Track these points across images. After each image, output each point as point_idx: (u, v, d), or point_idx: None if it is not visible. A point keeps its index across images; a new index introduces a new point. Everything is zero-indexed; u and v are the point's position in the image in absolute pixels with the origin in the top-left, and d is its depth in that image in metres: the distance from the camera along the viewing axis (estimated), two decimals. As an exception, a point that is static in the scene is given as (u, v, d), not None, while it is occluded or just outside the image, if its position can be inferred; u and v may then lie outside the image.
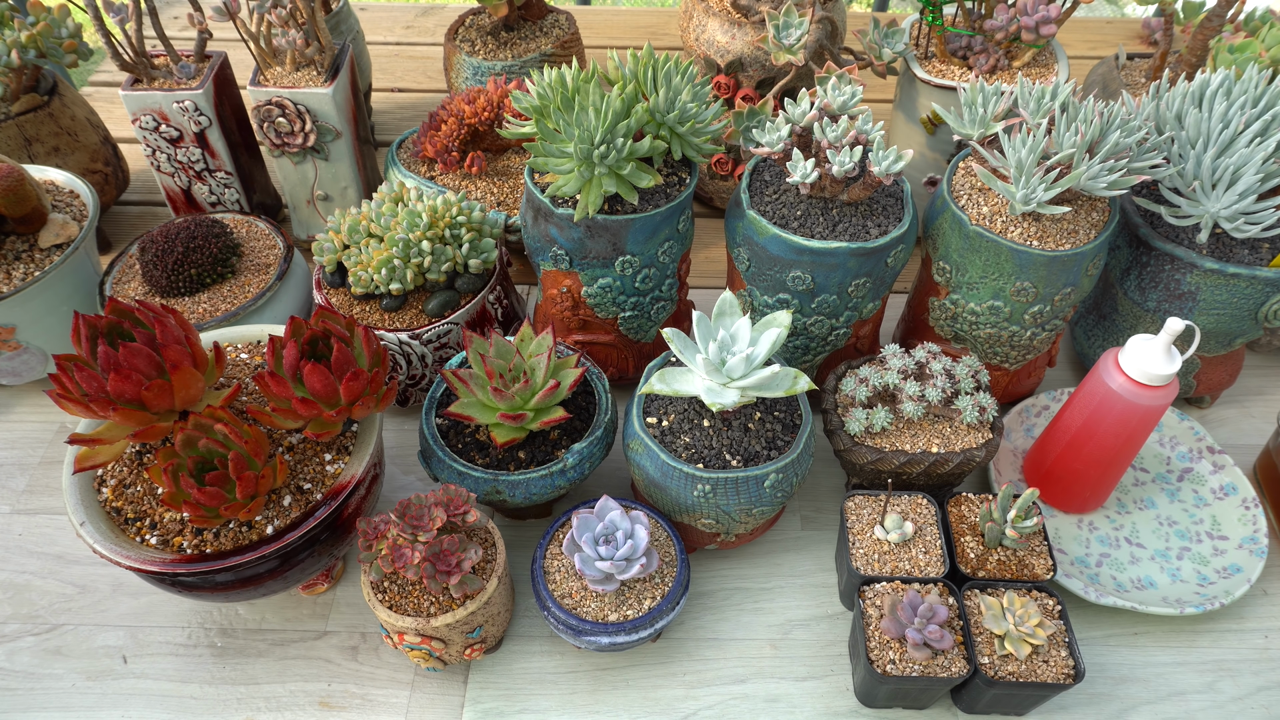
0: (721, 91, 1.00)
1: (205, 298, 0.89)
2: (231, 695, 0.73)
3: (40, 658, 0.75)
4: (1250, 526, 0.81)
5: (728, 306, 0.70)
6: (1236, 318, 0.81)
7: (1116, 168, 0.73)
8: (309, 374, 0.65)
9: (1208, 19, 0.93)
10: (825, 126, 0.74)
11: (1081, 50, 1.50)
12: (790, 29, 0.90)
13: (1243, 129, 0.76)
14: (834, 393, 0.80)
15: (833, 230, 0.75)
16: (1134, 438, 0.75)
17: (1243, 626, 0.78)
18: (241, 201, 1.07)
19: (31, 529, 0.84)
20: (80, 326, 0.65)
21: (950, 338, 0.86)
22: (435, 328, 0.83)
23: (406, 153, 1.05)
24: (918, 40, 1.02)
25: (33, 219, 0.87)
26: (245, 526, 0.66)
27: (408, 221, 0.81)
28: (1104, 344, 0.92)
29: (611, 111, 0.71)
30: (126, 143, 1.23)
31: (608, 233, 0.77)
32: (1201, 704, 0.73)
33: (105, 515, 0.68)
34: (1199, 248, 0.79)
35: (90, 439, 0.66)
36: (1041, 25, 0.93)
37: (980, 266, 0.78)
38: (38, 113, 0.99)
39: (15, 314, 0.85)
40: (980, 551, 0.74)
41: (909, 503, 0.77)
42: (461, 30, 1.14)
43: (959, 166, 0.83)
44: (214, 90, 0.98)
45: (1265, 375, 1.00)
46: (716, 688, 0.74)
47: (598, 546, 0.68)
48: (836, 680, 0.75)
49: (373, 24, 1.56)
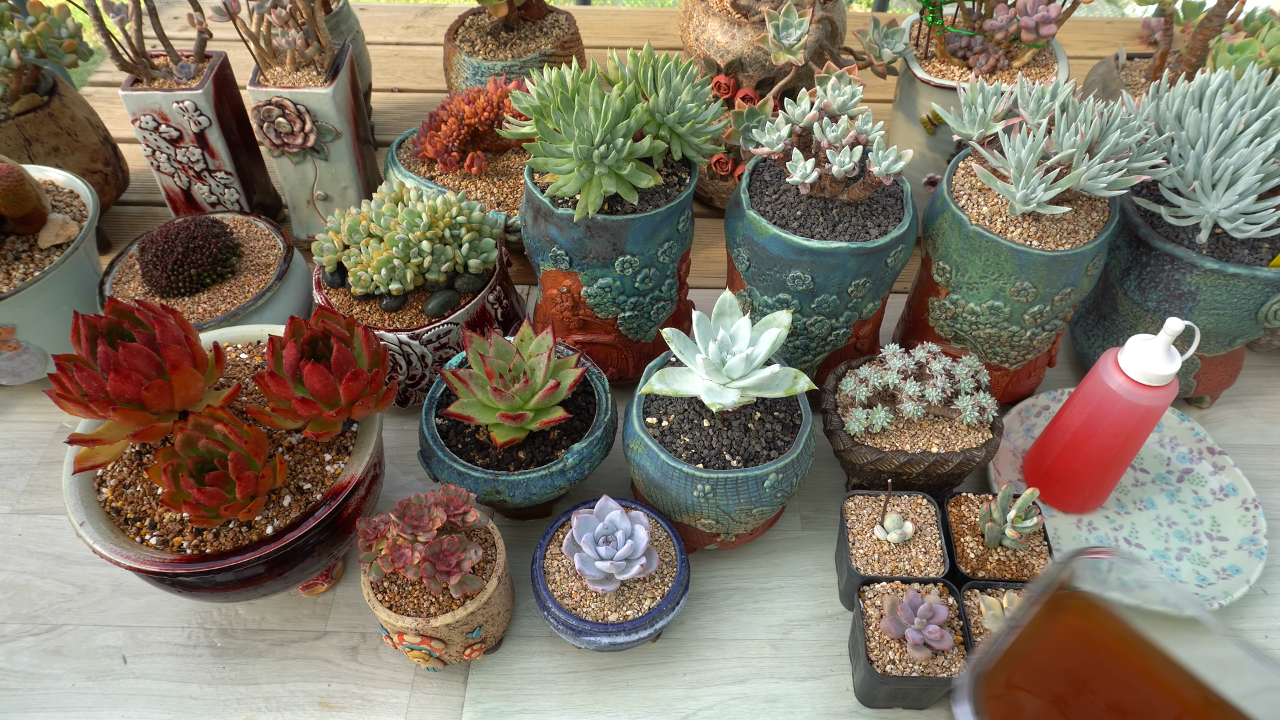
0: (721, 91, 1.00)
1: (205, 298, 0.89)
2: (231, 695, 0.73)
3: (40, 658, 0.75)
4: (1250, 528, 0.81)
5: (728, 306, 0.70)
6: (1236, 318, 0.81)
7: (1116, 168, 0.73)
8: (309, 374, 0.65)
9: (1208, 19, 0.93)
10: (825, 126, 0.74)
11: (1081, 50, 1.50)
12: (790, 29, 0.90)
13: (1243, 129, 0.76)
14: (834, 393, 0.80)
15: (833, 230, 0.75)
16: (1134, 438, 0.75)
17: (1242, 627, 0.78)
18: (241, 201, 1.07)
19: (31, 529, 0.84)
20: (80, 326, 0.65)
21: (950, 338, 0.86)
22: (435, 328, 0.83)
23: (406, 153, 1.05)
24: (918, 40, 1.02)
25: (33, 219, 0.87)
26: (245, 526, 0.66)
27: (408, 221, 0.81)
28: (1104, 344, 0.92)
29: (611, 111, 0.71)
30: (126, 143, 1.23)
31: (608, 233, 0.77)
32: (1201, 704, 0.73)
33: (105, 515, 0.68)
34: (1199, 248, 0.79)
35: (90, 439, 0.66)
36: (1041, 25, 0.93)
37: (980, 266, 0.78)
38: (38, 113, 0.99)
39: (15, 314, 0.85)
40: (980, 551, 0.74)
41: (909, 503, 0.77)
42: (461, 30, 1.14)
43: (959, 166, 0.83)
44: (214, 90, 0.98)
45: (1265, 375, 1.00)
46: (716, 688, 0.74)
47: (598, 547, 0.68)
48: (836, 680, 0.75)
49: (373, 24, 1.56)
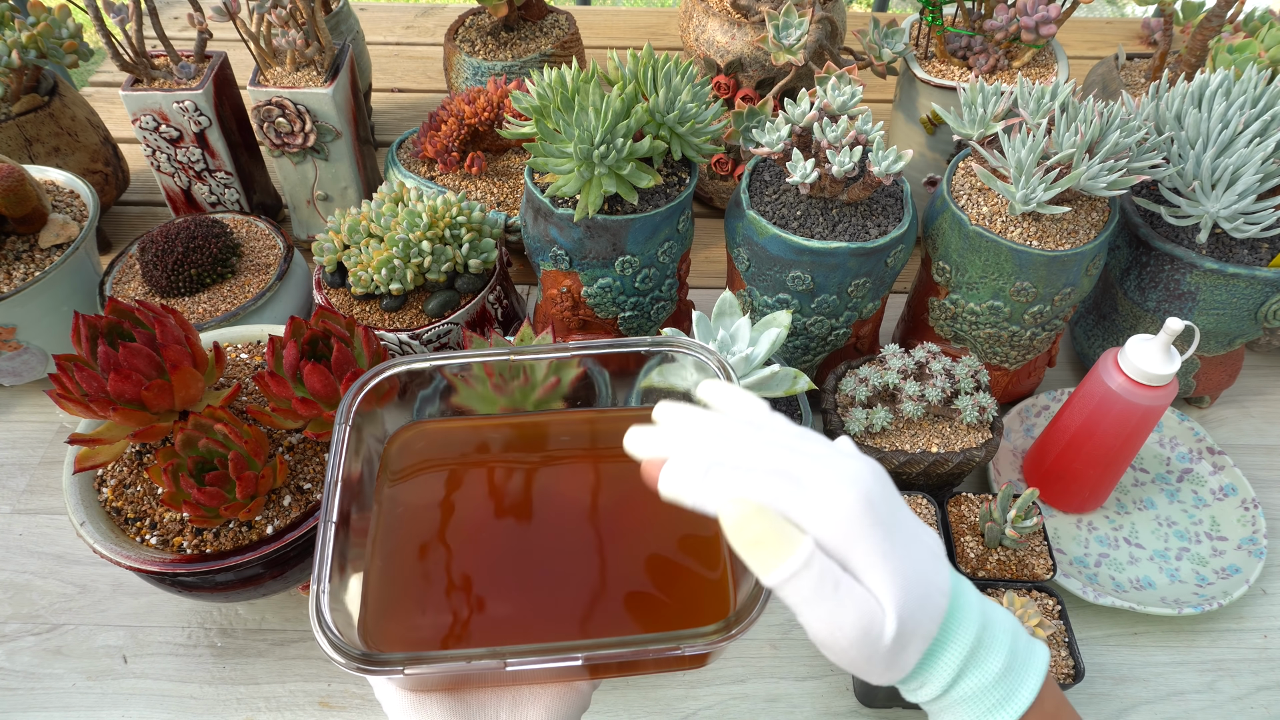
0: (721, 91, 1.00)
1: (205, 298, 0.89)
2: (231, 695, 0.73)
3: (40, 658, 0.75)
4: (1249, 527, 0.81)
5: (728, 306, 0.70)
6: (1236, 318, 0.81)
7: (1116, 168, 0.73)
8: (309, 374, 0.65)
9: (1207, 19, 0.93)
10: (825, 126, 0.74)
11: (1081, 50, 1.50)
12: (790, 29, 0.90)
13: (1242, 129, 0.76)
14: (834, 393, 0.80)
15: (832, 230, 0.75)
16: (1133, 438, 0.75)
17: (1242, 626, 0.78)
18: (241, 201, 1.07)
19: (31, 529, 0.84)
20: (80, 326, 0.65)
21: (950, 338, 0.86)
22: (435, 328, 0.83)
23: (406, 153, 1.05)
24: (917, 40, 1.02)
25: (33, 219, 0.87)
26: (245, 526, 0.66)
27: (408, 221, 0.81)
28: (1104, 344, 0.92)
29: (611, 111, 0.71)
30: (126, 143, 1.23)
31: (608, 233, 0.77)
32: (1201, 704, 0.74)
33: (105, 515, 0.68)
34: (1199, 248, 0.79)
35: (90, 439, 0.66)
36: (1041, 25, 0.93)
37: (980, 266, 0.78)
38: (38, 113, 0.99)
39: (15, 314, 0.85)
40: (980, 551, 0.74)
41: (909, 503, 0.77)
42: (461, 30, 1.14)
43: (959, 166, 0.83)
44: (214, 90, 0.98)
45: (1265, 375, 1.00)
46: (716, 688, 0.74)
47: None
48: (836, 680, 0.75)
49: (373, 24, 1.56)
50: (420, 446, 0.51)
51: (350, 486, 0.45)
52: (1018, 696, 0.39)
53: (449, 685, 0.43)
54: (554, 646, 0.38)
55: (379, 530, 0.47)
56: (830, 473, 0.36)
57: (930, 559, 0.38)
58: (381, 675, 0.38)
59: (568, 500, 0.49)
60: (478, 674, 0.40)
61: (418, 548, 0.47)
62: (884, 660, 0.37)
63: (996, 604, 0.40)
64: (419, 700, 0.42)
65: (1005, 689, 0.38)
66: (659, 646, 0.38)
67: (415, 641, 0.43)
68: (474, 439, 0.53)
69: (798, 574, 0.35)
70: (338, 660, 0.38)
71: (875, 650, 0.36)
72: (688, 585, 0.44)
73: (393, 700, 0.42)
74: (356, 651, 0.38)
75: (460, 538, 0.47)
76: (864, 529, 0.35)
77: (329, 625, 0.39)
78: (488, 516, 0.48)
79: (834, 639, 0.36)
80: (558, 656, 0.38)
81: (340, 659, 0.38)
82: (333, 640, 0.38)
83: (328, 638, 0.38)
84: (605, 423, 0.54)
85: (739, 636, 0.38)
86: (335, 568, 0.42)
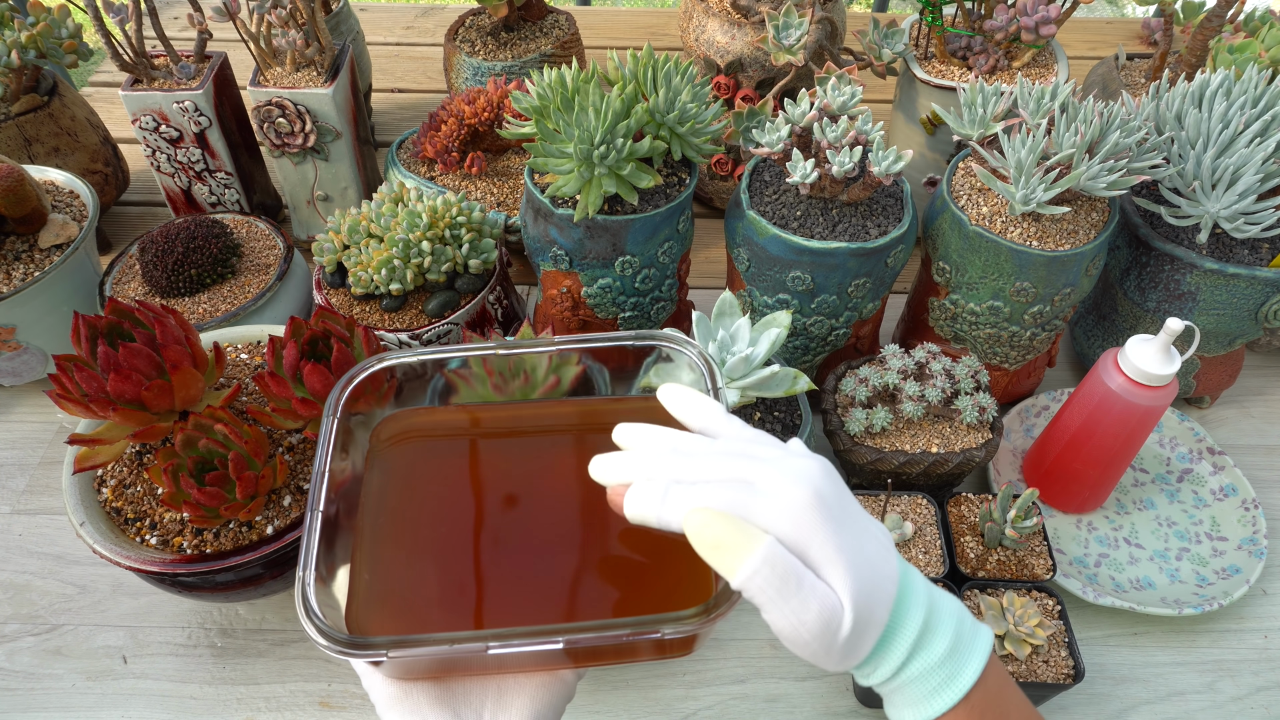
0: (721, 92, 1.00)
1: (205, 298, 0.89)
2: (231, 695, 0.73)
3: (40, 658, 0.75)
4: (1249, 528, 0.81)
5: (727, 306, 0.70)
6: (1236, 318, 0.81)
7: (1116, 168, 0.73)
8: (309, 374, 0.65)
9: (1207, 19, 0.93)
10: (825, 127, 0.74)
11: (1081, 50, 1.50)
12: (790, 29, 0.90)
13: (1242, 129, 0.76)
14: (834, 393, 0.80)
15: (832, 230, 0.75)
16: (1133, 438, 0.75)
17: (1242, 626, 0.78)
18: (241, 202, 1.07)
19: (31, 529, 0.84)
20: (80, 327, 0.65)
21: (950, 338, 0.86)
22: (435, 328, 0.83)
23: (406, 153, 1.05)
24: (917, 41, 1.02)
25: (33, 219, 0.87)
26: (245, 526, 0.66)
27: (408, 222, 0.81)
28: (1104, 344, 0.92)
29: (611, 112, 0.71)
30: (126, 143, 1.23)
31: (608, 233, 0.77)
32: (1201, 704, 0.74)
33: (105, 515, 0.68)
34: (1199, 248, 0.79)
35: (90, 439, 0.66)
36: (1041, 25, 0.93)
37: (980, 267, 0.78)
38: (38, 113, 0.99)
39: (15, 314, 0.85)
40: (980, 551, 0.74)
41: (908, 503, 0.77)
42: (461, 31, 1.14)
43: (959, 167, 0.83)
44: (214, 90, 0.98)
45: (1265, 375, 1.00)
46: (716, 688, 0.74)
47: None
48: (836, 680, 0.75)
49: (373, 24, 1.56)
50: (406, 436, 0.52)
51: (339, 478, 0.46)
52: (962, 675, 0.40)
53: (434, 673, 0.43)
54: (536, 630, 0.39)
55: (365, 521, 0.47)
56: (781, 474, 0.38)
57: (879, 549, 0.40)
58: (366, 658, 0.39)
59: (553, 490, 0.49)
60: (462, 659, 0.41)
61: (403, 539, 0.47)
62: (841, 651, 0.38)
63: (942, 590, 0.42)
64: (405, 689, 0.43)
65: (951, 668, 0.40)
66: (640, 630, 0.39)
67: (401, 630, 0.44)
68: (459, 429, 0.53)
69: (759, 570, 0.36)
70: (323, 644, 0.38)
71: (834, 642, 0.38)
72: (673, 573, 0.45)
73: (380, 690, 0.43)
74: (342, 636, 0.39)
75: (446, 528, 0.48)
76: (817, 523, 0.37)
77: (314, 611, 0.40)
78: (473, 506, 0.49)
79: (797, 634, 0.37)
80: (539, 640, 0.39)
81: (325, 643, 0.38)
82: (319, 625, 0.39)
83: (314, 623, 0.39)
84: (591, 413, 0.54)
85: (718, 620, 0.39)
86: (322, 556, 0.42)
